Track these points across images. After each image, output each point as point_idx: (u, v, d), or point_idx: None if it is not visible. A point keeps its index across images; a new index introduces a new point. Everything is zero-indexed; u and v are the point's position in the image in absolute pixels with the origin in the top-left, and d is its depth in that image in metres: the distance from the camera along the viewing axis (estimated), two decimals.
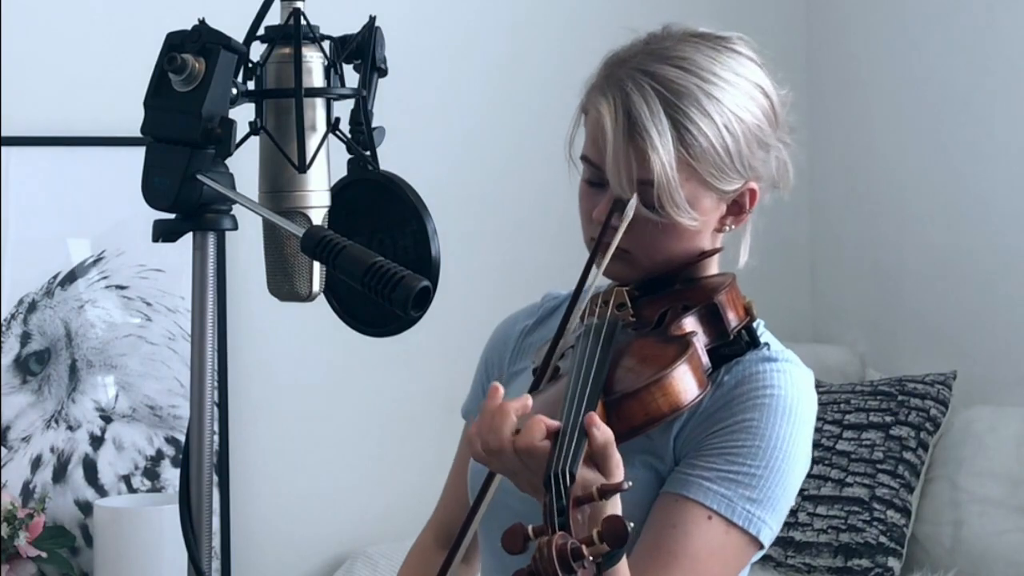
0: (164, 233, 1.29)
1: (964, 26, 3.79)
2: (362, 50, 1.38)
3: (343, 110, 1.36)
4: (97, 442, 3.34)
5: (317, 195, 1.34)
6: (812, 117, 4.07)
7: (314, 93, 1.33)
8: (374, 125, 1.40)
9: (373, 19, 1.40)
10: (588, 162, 1.64)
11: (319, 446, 3.62)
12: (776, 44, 1.75)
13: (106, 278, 3.35)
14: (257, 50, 1.34)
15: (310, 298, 1.35)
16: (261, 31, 1.34)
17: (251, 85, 1.33)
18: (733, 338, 1.60)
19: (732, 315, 1.60)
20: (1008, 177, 3.69)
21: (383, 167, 1.40)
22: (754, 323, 1.63)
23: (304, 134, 1.32)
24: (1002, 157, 3.71)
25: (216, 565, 3.43)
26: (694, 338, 1.54)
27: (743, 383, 1.58)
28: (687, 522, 1.53)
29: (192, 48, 1.27)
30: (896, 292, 3.99)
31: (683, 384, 1.48)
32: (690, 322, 1.57)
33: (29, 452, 3.28)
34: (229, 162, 1.30)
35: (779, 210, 1.72)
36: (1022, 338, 3.65)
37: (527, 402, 1.45)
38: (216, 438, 3.41)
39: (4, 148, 3.24)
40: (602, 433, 1.39)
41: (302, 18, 1.33)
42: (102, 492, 3.34)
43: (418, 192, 1.38)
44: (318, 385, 3.61)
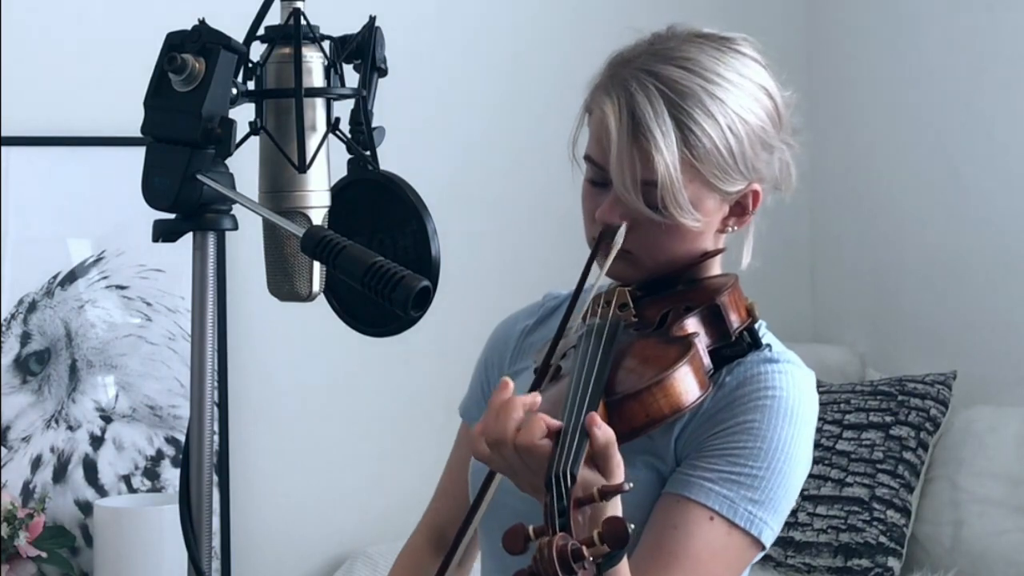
0: (164, 233, 1.29)
1: (964, 26, 3.79)
2: (362, 50, 1.38)
3: (343, 110, 1.36)
4: (97, 442, 3.34)
5: (317, 195, 1.34)
6: (812, 117, 4.06)
7: (314, 93, 1.33)
8: (374, 125, 1.40)
9: (373, 19, 1.40)
10: (591, 162, 1.64)
11: (319, 446, 3.62)
12: (776, 44, 1.75)
13: (106, 278, 3.35)
14: (257, 50, 1.34)
15: (310, 298, 1.35)
16: (261, 31, 1.34)
17: (251, 85, 1.33)
18: (735, 339, 1.60)
19: (734, 316, 1.60)
20: (1008, 177, 3.69)
21: (383, 167, 1.40)
22: (756, 324, 1.62)
23: (304, 134, 1.32)
24: (1002, 157, 3.70)
25: (216, 565, 3.42)
26: (696, 339, 1.54)
27: (745, 384, 1.58)
28: (689, 523, 1.53)
29: (192, 48, 1.27)
30: (896, 292, 3.99)
31: (685, 385, 1.48)
32: (692, 323, 1.57)
33: (29, 452, 3.28)
34: (229, 162, 1.30)
35: (779, 211, 1.72)
36: (1022, 338, 3.65)
37: (536, 398, 1.45)
38: (216, 438, 3.40)
39: (4, 148, 3.24)
40: (603, 433, 1.39)
41: (302, 18, 1.33)
42: (102, 492, 3.33)
43: (418, 192, 1.38)
44: (318, 385, 3.61)
